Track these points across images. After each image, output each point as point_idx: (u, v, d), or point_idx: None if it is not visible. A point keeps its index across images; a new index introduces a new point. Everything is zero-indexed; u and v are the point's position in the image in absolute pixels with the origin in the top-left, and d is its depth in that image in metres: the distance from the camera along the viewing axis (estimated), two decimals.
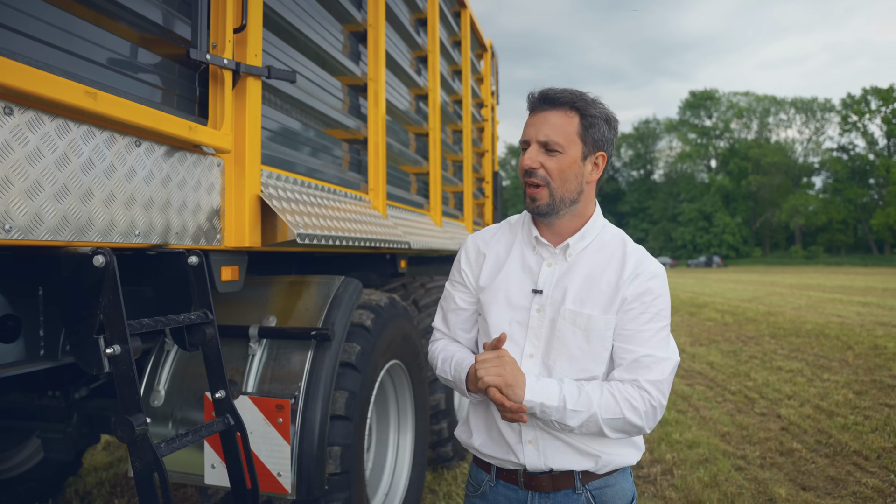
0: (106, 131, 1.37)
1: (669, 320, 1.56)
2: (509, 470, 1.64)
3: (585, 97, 1.54)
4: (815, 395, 6.63)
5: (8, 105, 1.14)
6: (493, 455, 1.65)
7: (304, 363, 2.09)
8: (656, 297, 1.54)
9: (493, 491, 1.67)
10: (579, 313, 1.55)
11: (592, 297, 1.55)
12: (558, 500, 1.59)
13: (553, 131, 1.51)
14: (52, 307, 1.63)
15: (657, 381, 1.50)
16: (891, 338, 10.50)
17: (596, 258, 1.59)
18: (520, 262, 1.65)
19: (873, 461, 4.70)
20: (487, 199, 7.47)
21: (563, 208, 1.56)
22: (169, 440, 1.32)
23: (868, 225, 70.41)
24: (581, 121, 1.52)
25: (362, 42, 3.13)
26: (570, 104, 1.52)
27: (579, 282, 1.57)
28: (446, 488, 4.10)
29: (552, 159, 1.51)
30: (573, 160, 1.52)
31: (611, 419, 1.48)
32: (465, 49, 5.76)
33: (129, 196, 1.44)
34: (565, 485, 1.58)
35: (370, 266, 3.80)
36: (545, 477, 1.59)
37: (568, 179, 1.53)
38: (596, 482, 1.58)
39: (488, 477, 1.68)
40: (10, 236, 1.14)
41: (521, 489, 1.63)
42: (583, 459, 1.57)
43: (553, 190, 1.53)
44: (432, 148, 4.49)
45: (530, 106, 1.59)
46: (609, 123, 1.56)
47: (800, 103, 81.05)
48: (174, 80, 1.71)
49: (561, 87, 1.57)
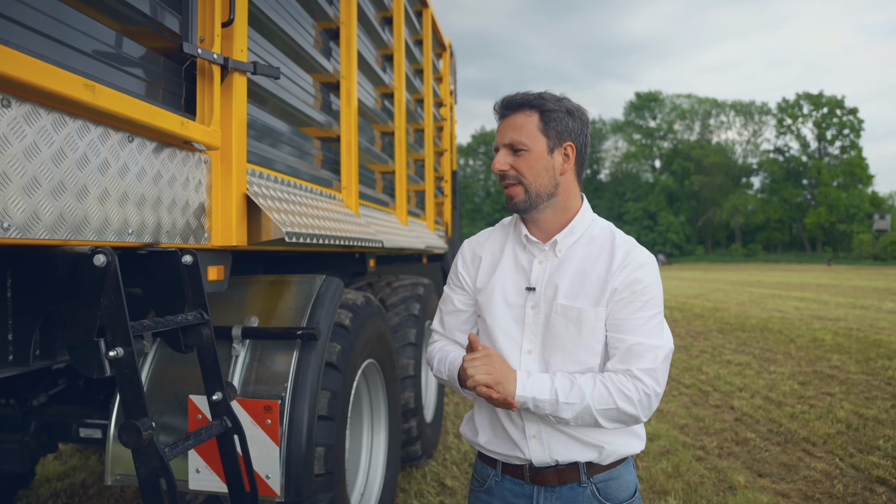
0: (100, 126, 1.32)
1: (662, 308, 1.59)
2: (515, 465, 1.66)
3: (544, 95, 1.60)
4: (763, 387, 6.90)
5: (6, 97, 1.09)
6: (499, 451, 1.67)
7: (289, 363, 2.06)
8: (646, 286, 1.56)
9: (499, 486, 1.69)
10: (570, 307, 1.58)
11: (584, 291, 1.58)
12: (564, 494, 1.61)
13: (515, 132, 1.57)
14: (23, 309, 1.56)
15: (649, 370, 1.51)
16: (827, 331, 11.01)
17: (586, 252, 1.62)
18: (513, 262, 1.68)
19: (820, 447, 4.93)
20: (446, 199, 7.49)
21: (541, 202, 1.60)
22: (172, 445, 1.28)
23: (802, 224, 73.57)
24: (540, 117, 1.57)
25: (335, 39, 3.10)
26: (528, 104, 1.58)
27: (570, 277, 1.60)
28: (416, 487, 4.10)
29: (520, 158, 1.57)
30: (539, 155, 1.57)
31: (604, 409, 1.50)
32: (426, 48, 5.77)
33: (123, 193, 1.40)
34: (571, 478, 1.61)
35: (339, 265, 3.76)
36: (551, 471, 1.62)
37: (539, 174, 1.57)
38: (600, 475, 1.61)
39: (494, 472, 1.70)
40: (8, 235, 1.10)
41: (527, 484, 1.65)
42: (587, 450, 1.59)
43: (527, 186, 1.58)
44: (398, 147, 4.48)
45: (496, 115, 1.65)
46: (572, 115, 1.60)
47: (739, 106, 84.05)
48: (159, 73, 1.66)
49: (522, 92, 1.64)
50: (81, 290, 1.21)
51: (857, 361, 8.31)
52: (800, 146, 79.97)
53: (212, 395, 1.49)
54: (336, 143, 3.12)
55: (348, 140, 3.13)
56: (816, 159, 76.50)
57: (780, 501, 3.88)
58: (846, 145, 75.35)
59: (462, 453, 4.83)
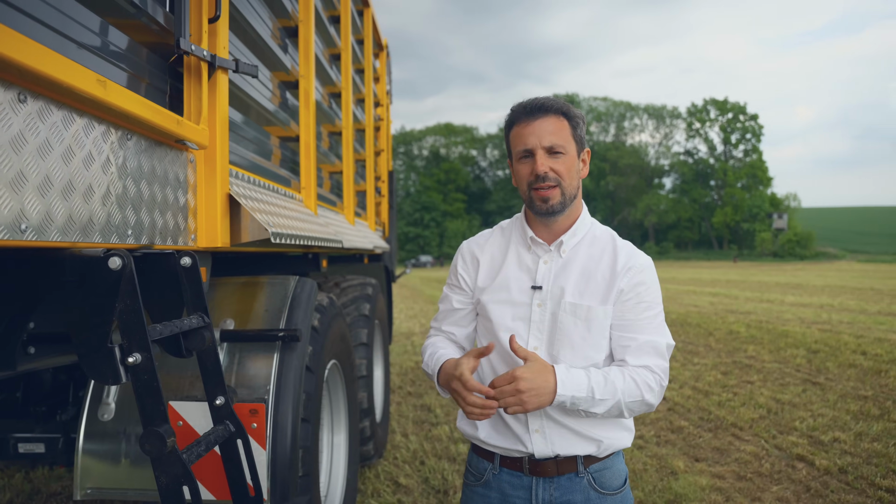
0: (103, 123, 1.28)
1: (661, 306, 1.70)
2: (514, 458, 1.71)
3: (563, 102, 1.68)
4: (690, 378, 7.27)
5: (22, 92, 1.04)
6: (499, 445, 1.71)
7: (270, 366, 2.04)
8: (649, 287, 1.67)
9: (497, 479, 1.73)
10: (579, 305, 1.65)
11: (590, 290, 1.66)
12: (562, 484, 1.67)
13: (554, 136, 1.62)
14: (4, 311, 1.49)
15: (662, 366, 1.64)
16: (741, 324, 11.72)
17: (589, 252, 1.70)
18: (517, 262, 1.74)
19: (747, 430, 5.26)
20: (384, 199, 7.48)
21: (570, 204, 1.68)
22: (187, 450, 1.25)
23: (710, 223, 77.60)
24: (569, 122, 1.65)
25: (293, 38, 3.06)
26: (558, 110, 1.65)
27: (576, 275, 1.68)
28: (372, 486, 4.10)
29: (559, 161, 1.63)
30: (573, 158, 1.65)
31: (632, 402, 1.59)
32: (367, 48, 5.75)
33: (123, 194, 1.35)
34: (568, 469, 1.67)
35: (292, 265, 3.71)
36: (550, 463, 1.67)
37: (573, 177, 1.67)
38: (595, 465, 1.69)
39: (491, 466, 1.74)
40: (25, 237, 1.05)
41: (525, 475, 1.70)
42: (586, 444, 1.67)
43: (564, 188, 1.64)
44: (346, 146, 4.45)
45: (518, 117, 1.68)
46: (584, 123, 1.72)
47: (651, 110, 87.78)
48: (144, 68, 1.61)
49: (544, 96, 1.70)
50: (94, 294, 1.17)
51: (769, 351, 8.89)
52: (707, 149, 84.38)
53: (214, 399, 1.46)
54: (295, 142, 3.08)
55: (307, 139, 3.09)
56: (723, 162, 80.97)
57: (717, 483, 4.12)
58: (749, 149, 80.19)
59: (411, 452, 4.85)
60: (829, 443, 4.92)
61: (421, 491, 4.07)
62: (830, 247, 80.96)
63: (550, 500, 1.69)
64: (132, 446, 1.96)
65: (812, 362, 8.01)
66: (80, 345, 1.16)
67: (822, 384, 6.87)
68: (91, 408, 2.00)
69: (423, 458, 4.71)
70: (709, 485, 4.06)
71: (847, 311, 13.84)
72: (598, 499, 1.69)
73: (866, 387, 6.74)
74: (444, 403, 6.41)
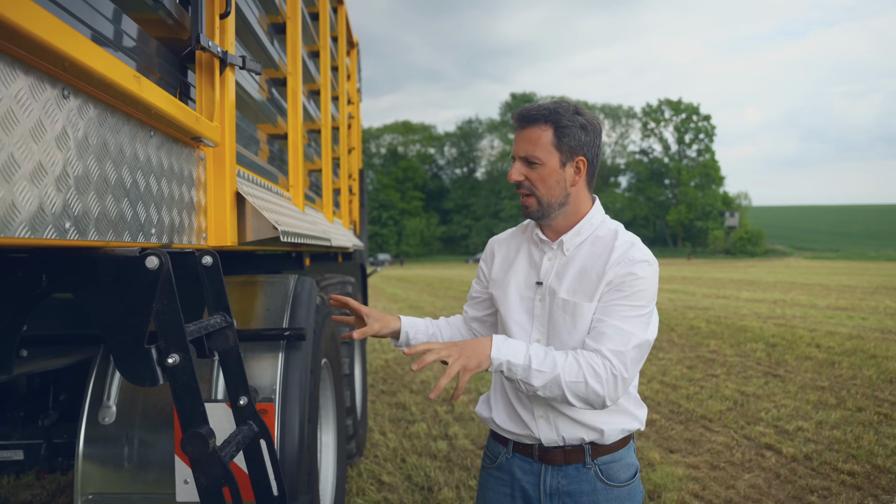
0: (132, 120, 1.25)
1: (650, 306, 1.65)
2: (526, 444, 1.79)
3: (559, 110, 1.65)
4: (657, 372, 7.45)
5: (67, 87, 1.02)
6: (512, 431, 1.80)
7: (276, 365, 2.02)
8: (637, 279, 1.63)
9: (510, 462, 1.82)
10: (569, 301, 1.69)
11: (583, 288, 1.70)
12: (569, 473, 1.73)
13: (530, 146, 1.65)
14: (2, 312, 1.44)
15: (619, 352, 1.56)
16: (701, 319, 12.03)
17: (590, 251, 1.73)
18: (527, 258, 1.82)
19: (716, 422, 5.42)
20: (354, 197, 7.44)
21: (553, 211, 1.70)
22: (221, 449, 1.24)
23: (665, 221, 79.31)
24: (555, 132, 1.65)
25: (281, 34, 3.03)
26: (544, 119, 1.65)
27: (573, 274, 1.72)
28: (356, 485, 4.09)
29: (533, 171, 1.66)
30: (552, 169, 1.66)
31: (573, 382, 1.54)
32: (341, 45, 5.71)
33: (147, 191, 1.33)
34: (576, 459, 1.72)
35: (277, 263, 3.67)
36: (558, 451, 1.73)
37: (551, 187, 1.67)
38: (604, 457, 1.73)
39: (505, 450, 1.84)
40: (68, 236, 1.03)
41: (535, 462, 1.78)
42: (589, 431, 1.72)
43: (539, 197, 1.68)
44: (324, 144, 4.43)
45: (514, 123, 1.73)
46: (585, 129, 1.67)
47: (607, 109, 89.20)
48: (156, 62, 1.59)
49: (538, 104, 1.71)
50: (131, 294, 1.14)
51: (730, 345, 9.17)
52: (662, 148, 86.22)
53: (238, 400, 1.45)
54: (283, 140, 3.06)
55: (295, 137, 3.07)
56: (677, 161, 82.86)
57: (693, 473, 4.24)
58: (702, 149, 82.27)
59: (391, 449, 4.85)
60: (794, 431, 5.11)
61: (405, 488, 4.07)
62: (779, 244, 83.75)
63: (557, 488, 1.76)
64: (135, 450, 1.93)
65: (771, 355, 8.30)
66: (115, 346, 1.14)
67: (782, 376, 7.12)
68: (91, 411, 1.96)
69: (403, 455, 4.71)
70: (685, 475, 4.18)
71: (799, 306, 14.35)
72: (605, 490, 1.74)
73: (822, 378, 7.02)
74: (419, 401, 6.43)
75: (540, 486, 1.77)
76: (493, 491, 1.87)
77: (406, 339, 1.87)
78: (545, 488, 1.76)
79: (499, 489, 1.85)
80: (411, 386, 7.19)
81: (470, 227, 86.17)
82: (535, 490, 1.78)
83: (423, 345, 1.53)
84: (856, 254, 68.81)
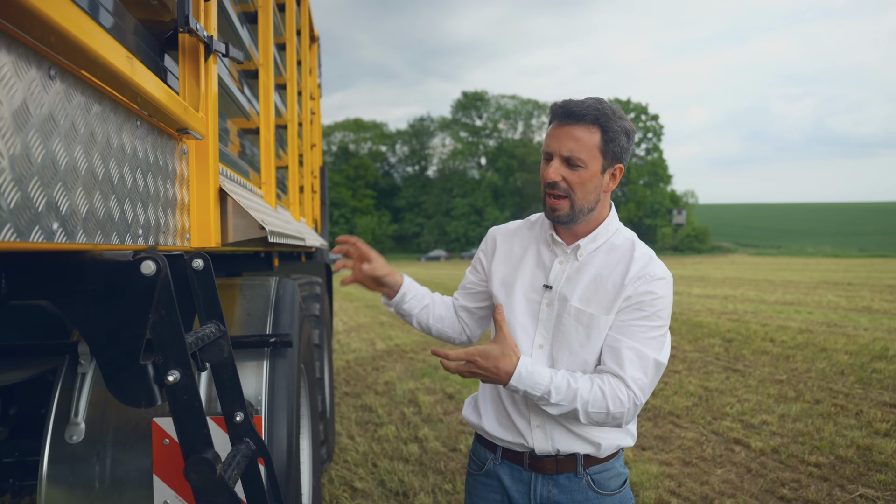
0: (121, 107, 1.12)
1: (666, 325, 1.63)
2: (516, 452, 1.72)
3: (607, 111, 1.57)
4: None
5: (53, 67, 0.89)
6: (502, 438, 1.72)
7: (261, 374, 1.89)
8: (656, 298, 1.60)
9: (497, 469, 1.75)
10: (583, 311, 1.62)
11: (597, 298, 1.63)
12: (560, 483, 1.67)
13: (576, 147, 1.55)
14: None
15: (640, 380, 1.56)
16: None
17: (605, 260, 1.66)
18: (535, 258, 1.73)
19: (684, 418, 5.48)
20: (316, 195, 7.27)
21: (582, 217, 1.63)
22: (226, 471, 1.11)
23: None
24: (602, 136, 1.56)
25: (253, 24, 2.87)
26: (594, 119, 1.55)
27: (587, 281, 1.64)
28: (328, 492, 3.96)
29: (575, 173, 1.56)
30: (594, 174, 1.57)
31: (595, 412, 1.54)
32: (304, 38, 5.54)
33: (134, 187, 1.19)
34: (568, 468, 1.67)
35: (246, 264, 3.51)
36: (550, 460, 1.68)
37: (588, 192, 1.59)
38: (595, 467, 1.70)
39: (493, 456, 1.76)
40: (55, 239, 0.90)
41: (525, 470, 1.71)
42: (586, 445, 1.67)
43: (574, 201, 1.59)
44: (290, 140, 4.27)
45: (554, 116, 1.61)
46: (628, 136, 1.60)
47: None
48: (137, 46, 1.44)
49: (583, 99, 1.60)
50: (124, 304, 1.01)
51: (688, 341, 9.33)
52: None
53: (233, 416, 1.32)
54: (255, 134, 2.90)
55: (267, 132, 2.92)
56: None
57: (667, 469, 4.26)
58: (650, 148, 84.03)
59: (361, 454, 4.73)
60: (759, 425, 5.20)
61: (380, 494, 3.96)
62: (724, 241, 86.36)
63: (548, 497, 1.70)
64: (107, 470, 1.77)
65: (729, 351, 8.47)
66: (107, 363, 1.01)
67: (741, 371, 7.27)
68: (56, 429, 1.79)
69: (374, 459, 4.59)
70: (659, 472, 4.19)
71: (749, 302, 14.77)
72: (596, 499, 1.70)
73: (780, 371, 7.19)
74: (385, 403, 6.30)
75: (530, 496, 1.71)
76: (484, 498, 1.80)
77: (401, 299, 1.86)
78: (536, 497, 1.71)
79: (489, 496, 1.79)
80: (375, 387, 7.06)
81: (422, 225, 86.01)
82: (525, 499, 1.72)
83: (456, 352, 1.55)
84: (795, 250, 71.56)
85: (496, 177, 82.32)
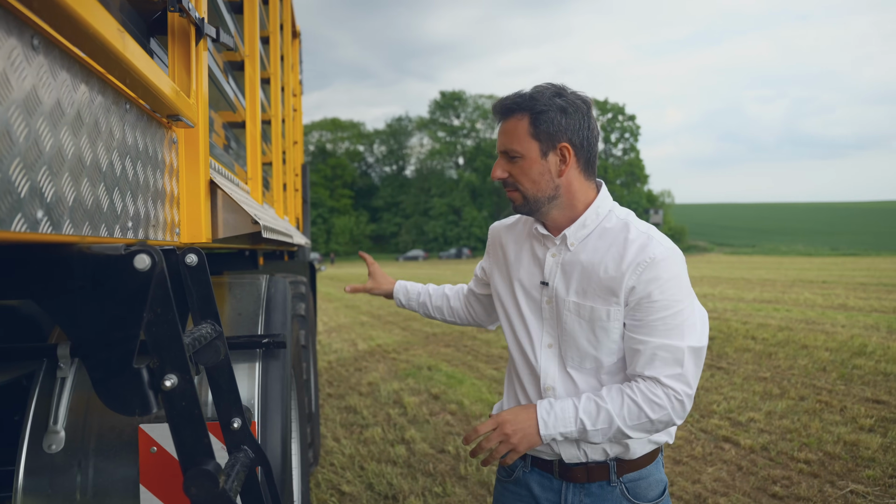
0: (110, 87, 1.03)
1: (686, 302, 1.51)
2: (544, 460, 1.64)
3: (536, 95, 1.51)
4: None
5: (36, 36, 0.79)
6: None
7: (253, 377, 1.79)
8: (665, 282, 1.49)
9: (527, 477, 1.68)
10: (582, 305, 1.54)
11: (592, 287, 1.54)
12: (593, 492, 1.59)
13: (508, 139, 1.53)
14: None
15: (678, 375, 1.46)
16: None
17: (596, 246, 1.56)
18: (530, 253, 1.67)
19: None
20: (298, 192, 7.15)
21: (542, 206, 1.55)
22: (227, 483, 1.02)
23: None
24: (530, 120, 1.49)
25: (239, 13, 2.77)
26: (518, 108, 1.52)
27: (579, 272, 1.56)
28: (316, 496, 3.86)
29: (515, 165, 1.53)
30: (533, 160, 1.51)
31: (636, 425, 1.47)
32: (287, 33, 5.43)
33: (122, 175, 1.10)
34: (600, 477, 1.58)
35: (230, 262, 3.40)
36: (580, 468, 1.59)
37: (535, 180, 1.52)
38: (630, 475, 1.60)
39: (523, 463, 1.69)
40: (40, 229, 0.80)
41: (555, 479, 1.63)
42: (614, 446, 1.58)
43: (524, 191, 1.54)
44: (274, 135, 4.17)
45: (495, 117, 1.59)
46: (565, 112, 1.50)
47: None
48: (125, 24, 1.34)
49: (517, 92, 1.55)
50: (115, 302, 0.92)
51: None
52: None
53: (230, 422, 1.23)
54: (241, 128, 2.80)
55: (253, 125, 2.82)
56: (603, 160, 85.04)
57: None
58: (627, 148, 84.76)
59: (347, 457, 4.63)
60: (747, 423, 5.20)
61: (368, 498, 3.87)
62: (700, 240, 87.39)
63: None
64: (89, 480, 1.66)
65: (712, 349, 8.50)
66: (96, 368, 0.91)
67: (725, 369, 7.29)
68: (33, 438, 1.68)
69: (361, 462, 4.50)
70: None
71: (728, 300, 14.88)
72: None
73: (763, 369, 7.23)
74: (370, 404, 6.20)
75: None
76: None
77: (399, 303, 2.16)
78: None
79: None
80: (359, 388, 6.95)
81: (400, 224, 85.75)
82: None
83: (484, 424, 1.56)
84: (770, 248, 72.66)
85: (474, 176, 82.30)
